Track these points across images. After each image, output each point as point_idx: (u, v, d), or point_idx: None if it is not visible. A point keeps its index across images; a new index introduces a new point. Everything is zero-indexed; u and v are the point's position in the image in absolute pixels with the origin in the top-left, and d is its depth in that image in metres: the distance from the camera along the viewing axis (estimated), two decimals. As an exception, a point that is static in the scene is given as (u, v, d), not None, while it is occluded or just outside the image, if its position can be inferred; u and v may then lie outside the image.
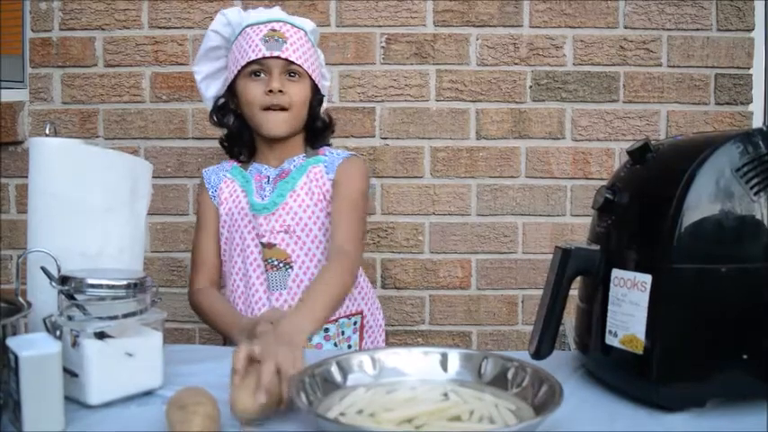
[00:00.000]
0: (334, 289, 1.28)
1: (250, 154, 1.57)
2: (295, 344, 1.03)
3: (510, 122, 2.07)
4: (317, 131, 1.57)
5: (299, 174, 1.50)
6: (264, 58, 1.45)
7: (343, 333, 1.52)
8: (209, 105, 1.60)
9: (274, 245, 1.47)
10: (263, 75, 1.47)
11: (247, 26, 1.49)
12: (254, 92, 1.47)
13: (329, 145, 1.61)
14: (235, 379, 0.93)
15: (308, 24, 1.54)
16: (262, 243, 1.48)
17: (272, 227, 1.47)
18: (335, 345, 1.49)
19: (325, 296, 1.25)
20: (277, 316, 1.26)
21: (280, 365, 0.92)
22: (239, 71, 1.48)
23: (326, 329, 1.49)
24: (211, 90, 1.58)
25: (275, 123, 1.47)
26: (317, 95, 1.55)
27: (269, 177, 1.52)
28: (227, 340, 1.51)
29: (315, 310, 1.20)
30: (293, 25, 1.50)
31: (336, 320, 1.50)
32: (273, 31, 1.47)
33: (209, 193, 1.55)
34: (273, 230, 1.47)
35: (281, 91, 1.45)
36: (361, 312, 1.56)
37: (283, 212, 1.47)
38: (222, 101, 1.56)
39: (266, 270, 1.48)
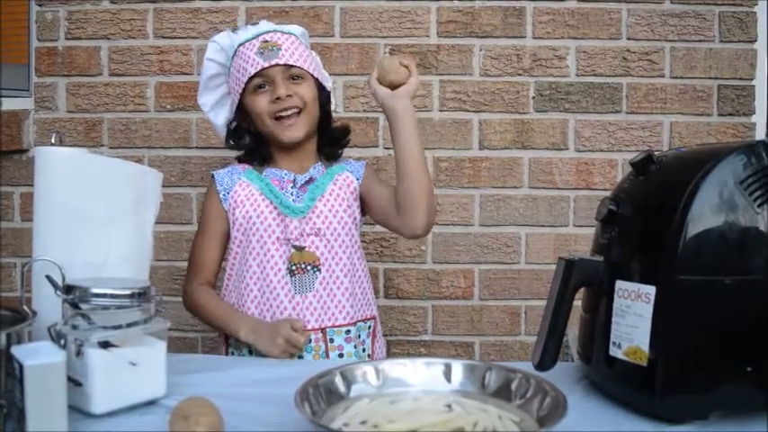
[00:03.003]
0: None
1: (264, 161, 1.59)
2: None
3: (513, 133, 2.08)
4: (331, 139, 1.61)
5: (327, 180, 1.54)
6: (264, 68, 1.47)
7: (359, 337, 1.53)
8: (222, 133, 1.63)
9: (303, 248, 1.49)
10: (267, 86, 1.49)
11: (240, 46, 1.52)
12: (261, 104, 1.50)
13: (342, 157, 1.65)
14: None
15: (296, 29, 1.57)
16: (294, 246, 1.49)
17: (301, 230, 1.49)
18: (355, 347, 1.51)
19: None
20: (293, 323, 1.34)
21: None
22: (243, 89, 1.50)
23: (348, 331, 1.50)
24: (220, 118, 1.61)
25: (291, 130, 1.50)
26: (323, 93, 1.57)
27: (294, 182, 1.53)
28: (225, 338, 1.54)
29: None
30: (283, 32, 1.53)
31: (355, 323, 1.51)
32: (266, 42, 1.50)
33: (220, 195, 1.54)
34: (304, 233, 1.49)
35: (289, 96, 1.48)
36: (375, 318, 1.59)
37: (314, 216, 1.50)
38: (234, 124, 1.58)
39: (293, 273, 1.48)
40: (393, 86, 1.40)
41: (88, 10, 2.10)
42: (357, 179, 1.56)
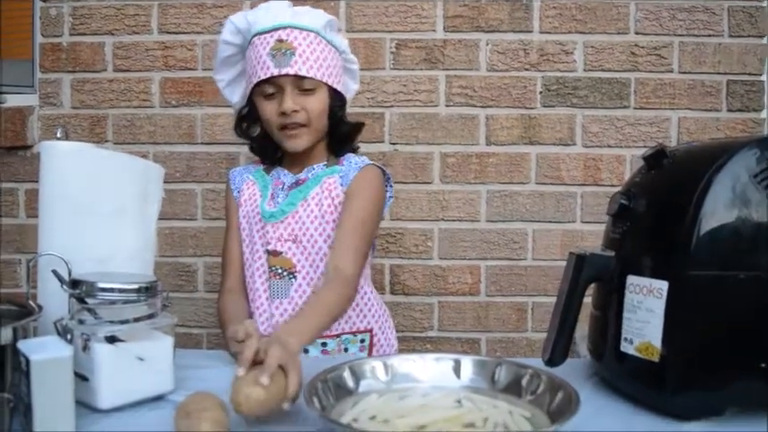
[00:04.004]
0: (328, 308, 1.27)
1: (277, 158, 1.55)
2: (290, 346, 1.01)
3: (520, 128, 2.07)
4: (341, 137, 1.53)
5: (314, 183, 1.47)
6: (274, 77, 1.40)
7: (346, 350, 1.48)
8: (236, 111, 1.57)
9: (280, 253, 1.45)
10: (276, 94, 1.42)
11: (255, 35, 1.44)
12: (268, 112, 1.43)
13: (355, 149, 1.56)
14: (239, 371, 0.92)
15: (318, 21, 1.45)
16: (267, 250, 1.46)
17: (279, 234, 1.45)
18: None
19: (319, 313, 1.24)
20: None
21: (284, 362, 0.92)
22: (253, 88, 1.44)
23: (324, 344, 1.45)
24: (236, 95, 1.54)
25: (294, 141, 1.44)
26: (337, 100, 1.49)
27: (284, 184, 1.49)
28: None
29: (307, 324, 1.18)
30: (302, 29, 1.42)
31: (338, 336, 1.47)
32: (280, 42, 1.40)
33: (234, 194, 1.54)
34: (281, 238, 1.45)
35: (295, 110, 1.41)
36: (371, 330, 1.52)
37: (292, 221, 1.45)
38: (245, 110, 1.52)
39: (270, 278, 1.46)
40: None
41: (92, 6, 2.09)
42: (343, 185, 1.46)
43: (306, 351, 1.43)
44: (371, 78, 2.06)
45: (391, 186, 1.55)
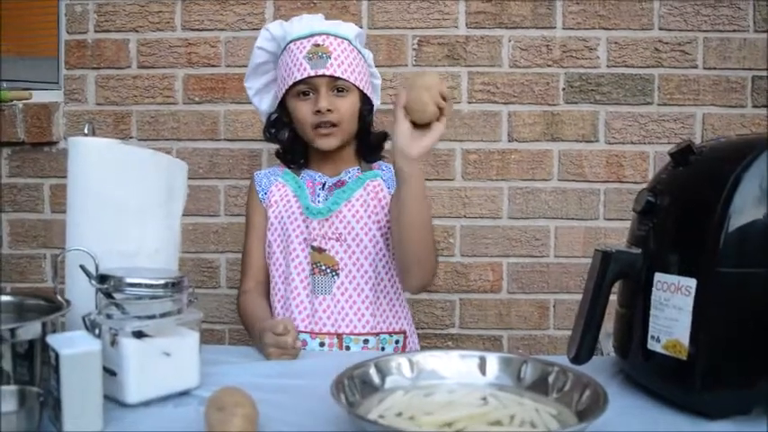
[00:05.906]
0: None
1: (303, 162, 1.58)
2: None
3: (542, 125, 2.06)
4: (370, 146, 1.58)
5: (357, 186, 1.51)
6: (310, 77, 1.45)
7: (383, 349, 1.49)
8: (264, 119, 1.61)
9: (324, 250, 1.48)
10: (310, 94, 1.48)
11: (291, 41, 1.49)
12: (303, 112, 1.48)
13: (383, 158, 1.61)
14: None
15: (351, 31, 1.53)
16: (312, 246, 1.48)
17: (324, 232, 1.48)
18: None
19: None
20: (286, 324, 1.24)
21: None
22: (287, 90, 1.49)
23: (366, 341, 1.47)
24: (264, 103, 1.60)
25: (326, 140, 1.49)
26: (366, 105, 1.55)
27: (324, 184, 1.53)
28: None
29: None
30: (336, 36, 1.50)
31: (378, 335, 1.48)
32: (317, 46, 1.46)
33: (259, 195, 1.56)
34: (325, 236, 1.48)
35: (329, 110, 1.45)
36: (404, 332, 1.54)
37: (336, 220, 1.48)
38: (275, 116, 1.57)
39: (312, 273, 1.47)
40: (414, 123, 1.25)
41: (117, 3, 2.11)
42: (389, 188, 1.52)
43: (347, 348, 1.46)
44: (394, 75, 2.06)
45: None
